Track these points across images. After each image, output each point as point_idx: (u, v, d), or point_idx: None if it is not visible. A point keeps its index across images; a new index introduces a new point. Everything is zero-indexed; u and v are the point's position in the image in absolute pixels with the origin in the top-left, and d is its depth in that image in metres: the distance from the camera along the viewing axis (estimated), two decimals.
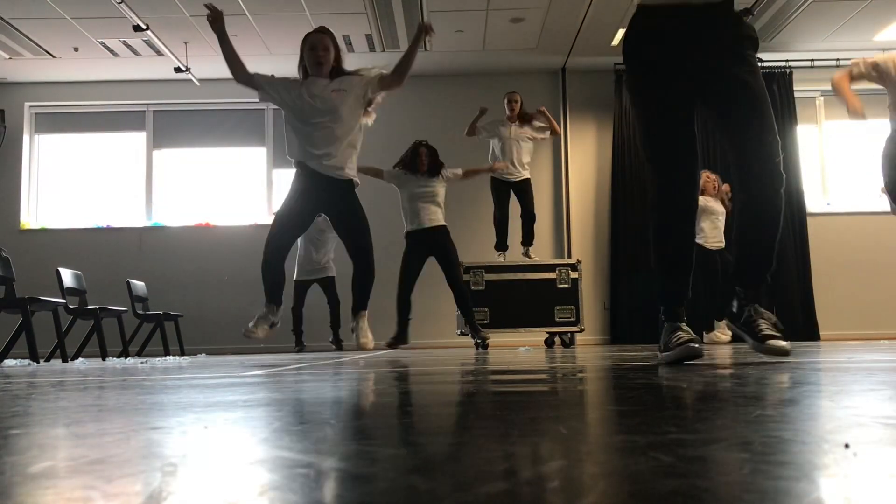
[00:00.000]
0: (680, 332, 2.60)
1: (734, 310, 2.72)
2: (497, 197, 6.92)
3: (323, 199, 4.06)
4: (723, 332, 6.61)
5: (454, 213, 8.41)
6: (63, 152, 9.41)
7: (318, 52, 4.04)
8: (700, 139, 2.72)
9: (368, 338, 4.08)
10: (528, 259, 6.87)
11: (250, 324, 3.87)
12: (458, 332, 6.15)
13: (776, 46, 8.31)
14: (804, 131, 8.98)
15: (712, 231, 6.77)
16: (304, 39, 4.12)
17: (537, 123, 6.90)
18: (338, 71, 4.12)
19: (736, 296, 2.72)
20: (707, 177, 6.72)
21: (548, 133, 6.96)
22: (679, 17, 2.60)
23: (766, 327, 2.61)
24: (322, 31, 4.14)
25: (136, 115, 9.39)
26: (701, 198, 6.66)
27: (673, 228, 2.69)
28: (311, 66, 4.05)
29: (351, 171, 4.05)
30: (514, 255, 7.29)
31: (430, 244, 5.94)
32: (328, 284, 7.51)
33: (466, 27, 7.94)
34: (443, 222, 6.06)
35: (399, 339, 5.97)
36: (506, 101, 6.94)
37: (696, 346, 2.53)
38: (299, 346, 7.42)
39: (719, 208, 6.83)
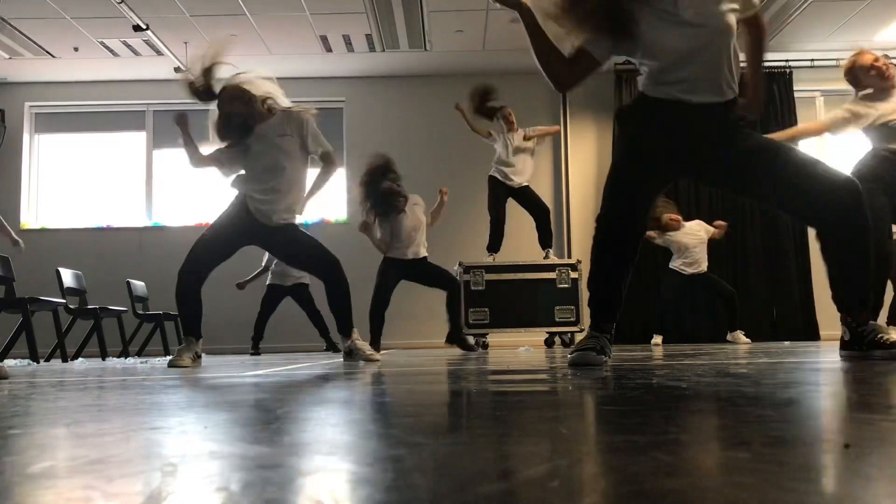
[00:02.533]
0: (592, 341, 2.70)
1: (846, 338, 2.65)
2: (494, 197, 6.89)
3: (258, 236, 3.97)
4: (742, 336, 6.74)
5: (453, 213, 8.41)
6: (63, 152, 9.41)
7: (244, 107, 3.94)
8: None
9: (374, 353, 3.93)
10: (546, 260, 6.86)
11: (172, 357, 3.74)
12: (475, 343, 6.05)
13: (776, 46, 8.31)
14: None
15: (689, 263, 6.77)
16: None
17: (531, 133, 6.94)
18: (271, 108, 3.96)
19: (845, 325, 2.65)
20: (670, 217, 6.70)
21: (543, 137, 7.00)
22: (685, 112, 2.61)
23: (889, 335, 2.58)
24: (233, 87, 4.01)
25: (136, 115, 9.39)
26: (674, 234, 6.70)
27: (614, 257, 2.73)
28: (249, 119, 3.95)
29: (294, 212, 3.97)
30: (513, 255, 7.29)
31: (410, 273, 5.79)
32: (303, 293, 7.23)
33: (466, 27, 7.94)
34: (425, 254, 5.79)
35: (373, 347, 5.91)
36: (502, 115, 6.82)
37: (595, 355, 2.65)
38: (254, 352, 7.04)
39: (690, 241, 6.79)
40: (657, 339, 6.77)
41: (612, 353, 2.79)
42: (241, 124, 3.88)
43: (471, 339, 6.00)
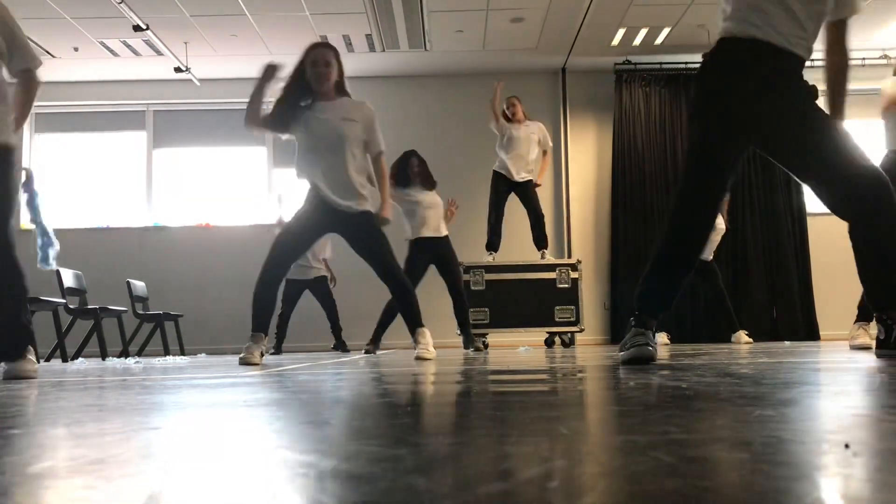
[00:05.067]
0: (641, 338, 2.66)
1: (881, 337, 2.60)
2: (495, 195, 6.89)
3: (336, 223, 3.96)
4: (744, 336, 6.73)
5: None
6: (63, 152, 9.42)
7: (320, 67, 3.86)
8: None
9: (431, 352, 3.92)
10: (544, 260, 6.86)
11: (242, 354, 3.75)
12: (457, 331, 6.12)
13: None
14: None
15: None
16: (306, 53, 3.93)
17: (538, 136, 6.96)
18: (340, 88, 3.96)
19: (880, 323, 2.61)
20: None
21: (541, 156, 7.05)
22: (760, 57, 2.58)
23: None
24: (325, 46, 3.98)
25: (136, 115, 9.39)
26: None
27: (678, 255, 2.68)
28: (314, 82, 3.87)
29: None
30: (513, 255, 7.29)
31: (433, 253, 5.91)
32: (321, 285, 7.31)
33: (466, 27, 7.94)
34: (445, 232, 6.01)
35: (373, 345, 5.94)
36: (505, 105, 6.92)
37: (651, 349, 2.63)
38: (276, 352, 7.15)
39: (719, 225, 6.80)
40: (663, 337, 6.73)
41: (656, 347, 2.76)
42: (315, 77, 3.85)
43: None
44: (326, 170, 3.86)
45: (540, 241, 6.92)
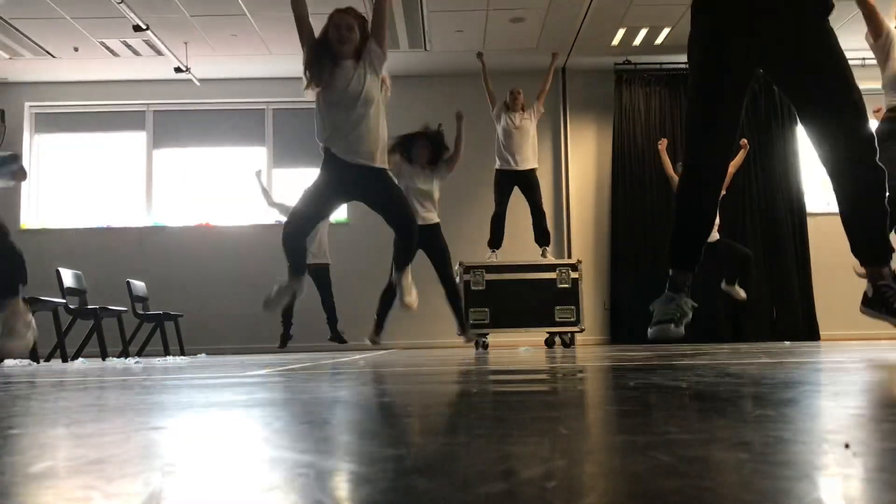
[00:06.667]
0: (671, 305, 2.58)
1: (869, 295, 2.55)
2: (499, 191, 6.87)
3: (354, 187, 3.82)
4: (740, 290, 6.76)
5: (452, 211, 8.41)
6: (63, 152, 9.42)
7: (342, 31, 3.86)
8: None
9: (413, 296, 3.85)
10: (544, 259, 6.85)
11: (272, 293, 3.58)
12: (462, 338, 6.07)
13: None
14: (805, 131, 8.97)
15: None
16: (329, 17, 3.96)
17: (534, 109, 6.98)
18: (359, 56, 3.91)
19: (870, 281, 2.55)
20: None
21: (541, 100, 7.01)
22: None
23: None
24: (348, 11, 3.98)
25: (136, 115, 9.39)
26: None
27: (699, 197, 2.60)
28: (335, 45, 3.86)
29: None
30: (514, 255, 7.29)
31: (422, 240, 5.87)
32: (322, 274, 7.17)
33: (466, 27, 7.93)
34: (436, 220, 5.96)
35: (376, 332, 5.87)
36: (508, 94, 6.97)
37: (673, 328, 2.56)
38: (283, 344, 7.17)
39: None
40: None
41: (690, 309, 2.65)
42: (337, 38, 3.87)
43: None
44: (346, 124, 3.75)
45: (541, 238, 6.89)
